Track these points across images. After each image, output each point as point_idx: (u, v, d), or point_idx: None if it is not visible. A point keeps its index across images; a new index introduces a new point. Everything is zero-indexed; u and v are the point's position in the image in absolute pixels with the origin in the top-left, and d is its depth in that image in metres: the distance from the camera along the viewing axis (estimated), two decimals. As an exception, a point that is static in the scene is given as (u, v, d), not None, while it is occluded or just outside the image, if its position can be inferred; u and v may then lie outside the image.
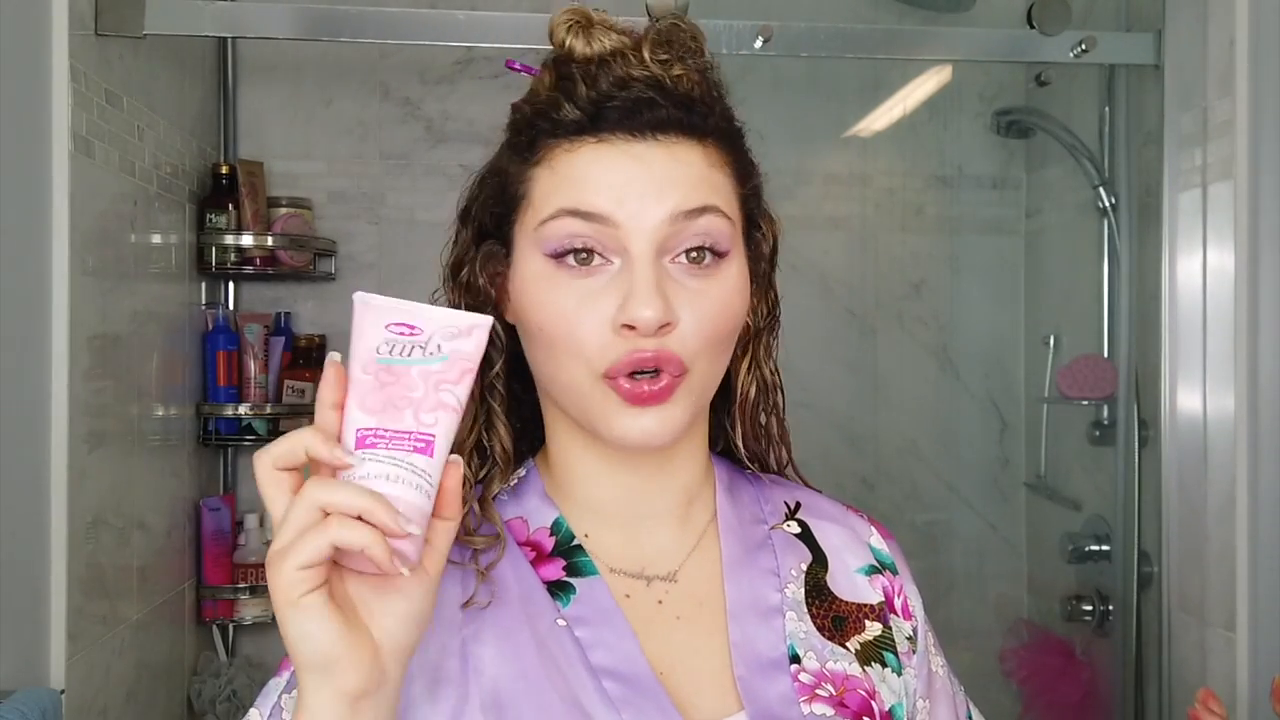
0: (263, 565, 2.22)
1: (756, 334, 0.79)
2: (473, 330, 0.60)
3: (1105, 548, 1.94)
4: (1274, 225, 1.46)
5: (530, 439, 0.80)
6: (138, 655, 1.67)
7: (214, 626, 2.04)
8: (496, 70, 2.18)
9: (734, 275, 0.71)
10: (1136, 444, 1.82)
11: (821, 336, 2.32)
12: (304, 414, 2.09)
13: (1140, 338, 1.83)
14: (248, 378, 2.04)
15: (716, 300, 0.69)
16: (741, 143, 0.76)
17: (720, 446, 0.83)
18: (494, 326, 0.72)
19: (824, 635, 0.74)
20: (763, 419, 0.81)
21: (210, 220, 1.99)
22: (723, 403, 0.79)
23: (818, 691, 0.71)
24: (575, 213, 0.67)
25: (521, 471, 0.79)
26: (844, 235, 2.35)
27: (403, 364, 0.58)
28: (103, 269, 1.52)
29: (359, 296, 0.59)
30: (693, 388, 0.69)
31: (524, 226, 0.71)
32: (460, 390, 0.59)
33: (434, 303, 0.77)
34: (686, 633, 0.73)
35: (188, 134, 1.92)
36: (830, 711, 0.70)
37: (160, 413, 1.80)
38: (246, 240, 2.01)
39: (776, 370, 0.81)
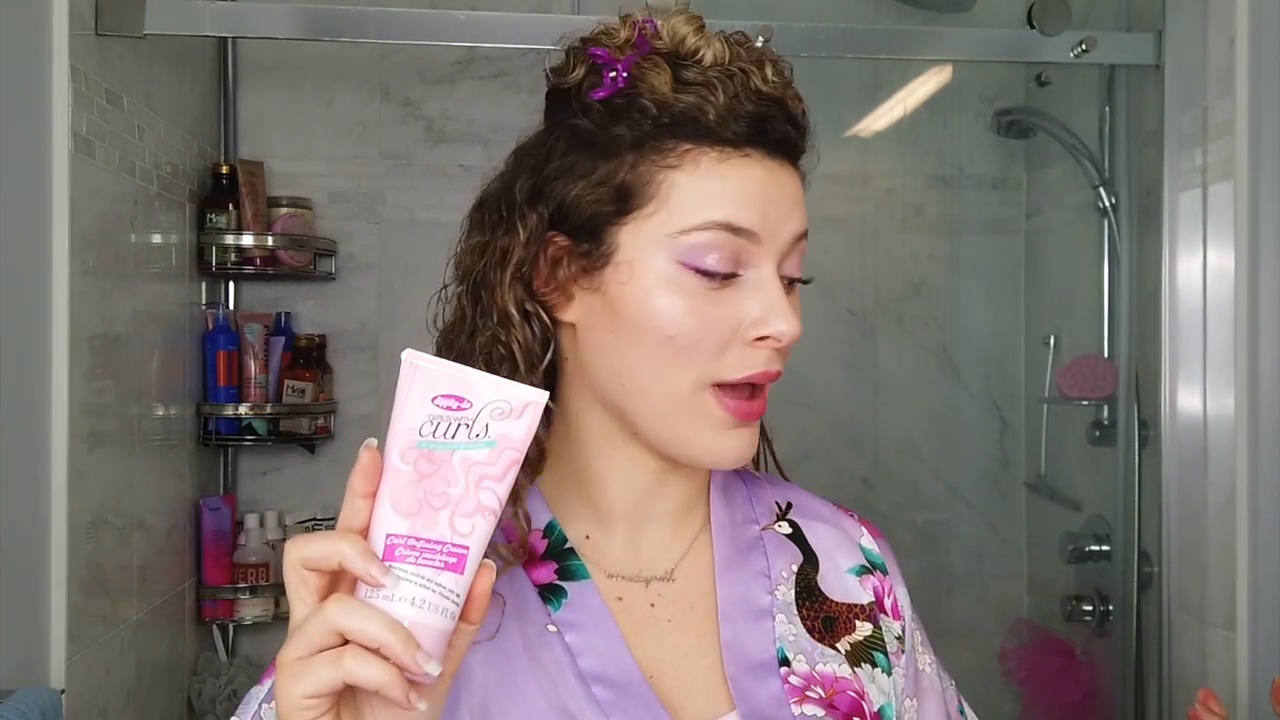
0: (263, 565, 2.22)
1: None
2: (525, 409, 0.56)
3: (1105, 548, 1.94)
4: (1274, 225, 1.46)
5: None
6: (138, 655, 1.67)
7: (214, 626, 2.04)
8: (497, 70, 2.18)
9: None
10: (1136, 444, 1.82)
11: (821, 336, 2.32)
12: (304, 414, 2.09)
13: (1140, 338, 1.83)
14: (248, 378, 2.04)
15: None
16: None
17: None
18: (544, 322, 0.73)
19: (814, 637, 0.74)
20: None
21: (210, 220, 1.99)
22: None
23: (808, 693, 0.71)
24: (729, 227, 0.68)
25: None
26: (844, 235, 2.35)
27: (445, 448, 0.55)
28: (103, 269, 1.52)
29: (409, 355, 0.57)
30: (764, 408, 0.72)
31: (649, 228, 0.69)
32: (502, 488, 0.56)
33: (443, 301, 0.76)
34: (678, 635, 0.73)
35: (188, 134, 1.92)
36: (821, 713, 0.71)
37: (160, 413, 1.80)
38: (247, 240, 2.01)
39: None
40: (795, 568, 0.77)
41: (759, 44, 0.73)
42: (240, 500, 2.12)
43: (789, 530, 0.80)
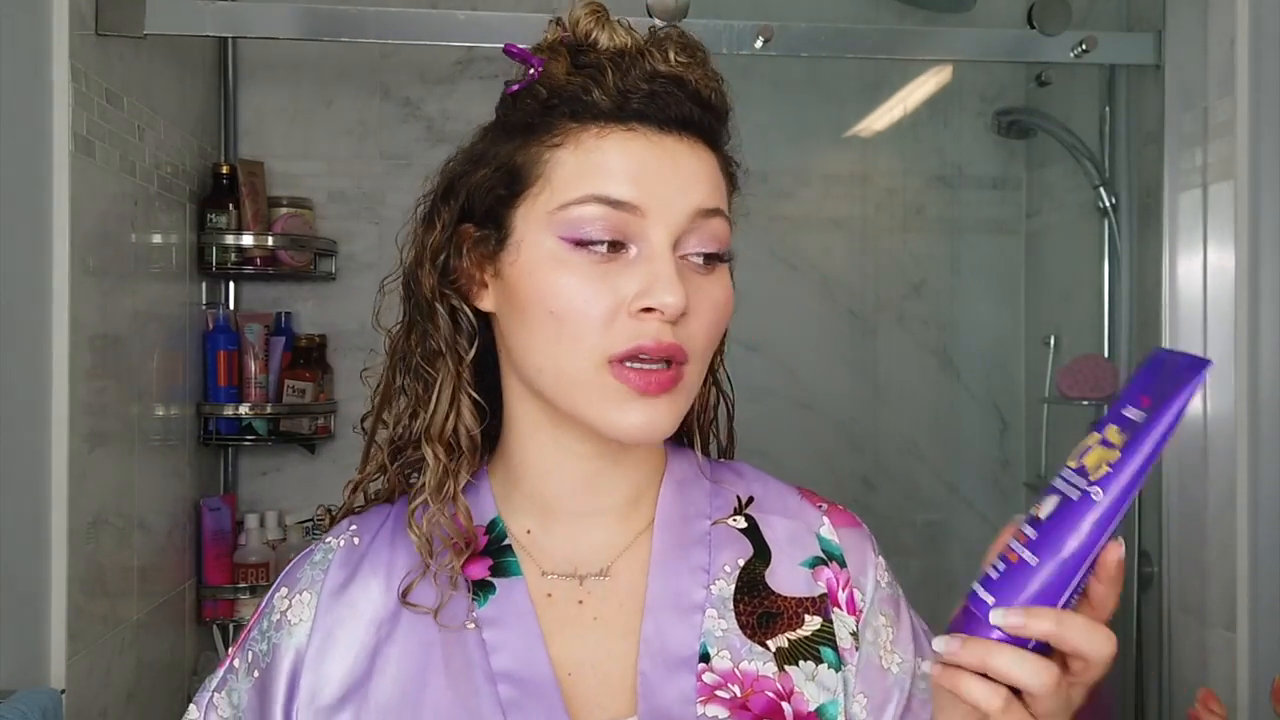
0: (263, 565, 2.23)
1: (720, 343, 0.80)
2: None
3: (1105, 548, 1.94)
4: (1274, 225, 1.46)
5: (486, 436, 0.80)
6: (138, 655, 1.67)
7: (214, 626, 2.04)
8: (497, 70, 2.18)
9: (726, 282, 0.73)
10: (1137, 444, 1.82)
11: (822, 336, 2.32)
12: (304, 414, 2.09)
13: (1140, 338, 1.83)
14: (248, 378, 2.04)
15: (718, 300, 0.71)
16: (733, 159, 0.77)
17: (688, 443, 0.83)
18: (467, 314, 0.75)
19: (745, 633, 0.73)
20: (712, 415, 0.83)
21: (211, 220, 1.99)
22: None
23: (718, 693, 0.70)
24: (604, 199, 0.68)
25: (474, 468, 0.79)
26: (844, 235, 2.35)
27: None
28: (103, 269, 1.52)
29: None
30: (688, 385, 0.70)
31: (536, 207, 0.70)
32: None
33: (384, 291, 0.79)
34: (602, 633, 0.73)
35: (188, 134, 1.92)
36: (725, 714, 0.69)
37: (160, 413, 1.80)
38: (247, 240, 2.01)
39: (725, 370, 0.83)
40: (742, 562, 0.76)
41: (666, 30, 0.74)
42: (240, 500, 2.12)
43: (744, 524, 0.78)
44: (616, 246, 0.68)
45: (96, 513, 1.50)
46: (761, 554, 0.77)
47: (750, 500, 0.80)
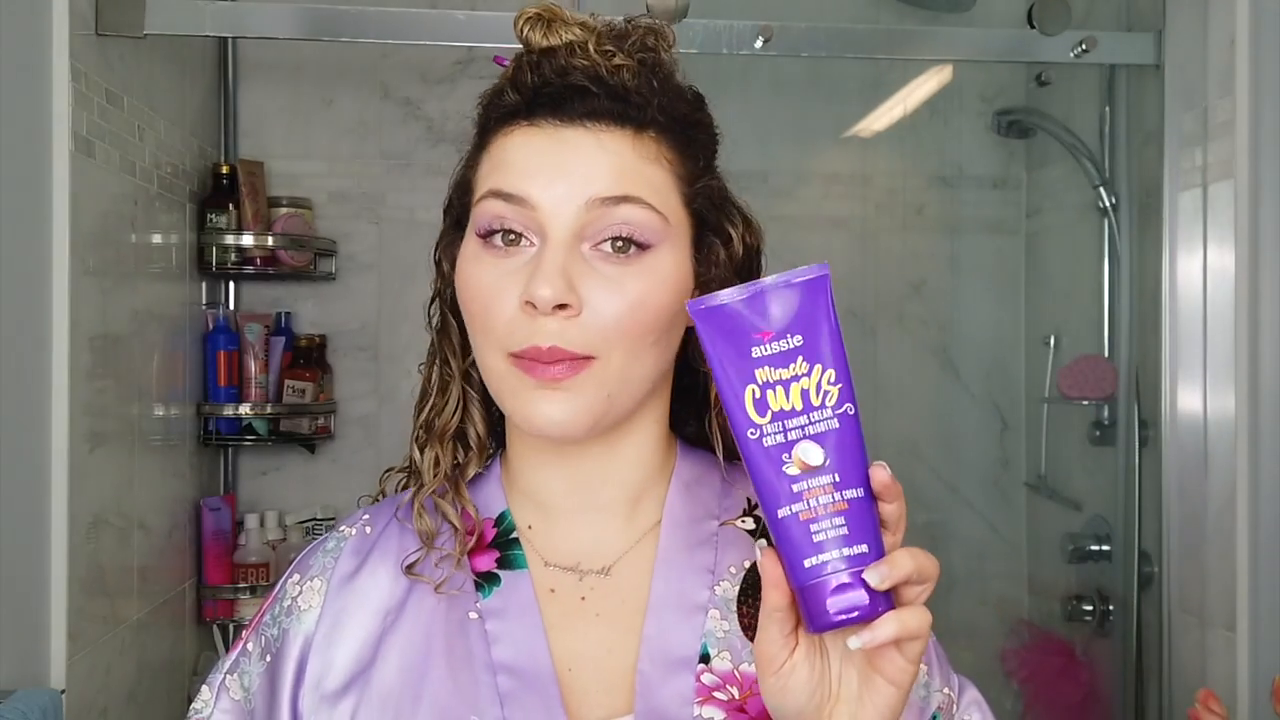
0: (263, 565, 2.23)
1: None
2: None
3: (1106, 548, 1.94)
4: (1274, 225, 1.46)
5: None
6: (138, 655, 1.67)
7: (214, 626, 2.04)
8: (497, 70, 2.18)
9: (659, 269, 0.69)
10: (1137, 444, 1.82)
11: (822, 336, 2.32)
12: (304, 414, 2.09)
13: (1140, 338, 1.83)
14: (248, 377, 2.04)
15: (632, 291, 0.68)
16: (693, 143, 0.74)
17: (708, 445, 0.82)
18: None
19: (747, 635, 0.73)
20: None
21: (211, 220, 1.99)
22: (705, 407, 0.79)
23: (715, 694, 0.70)
24: (499, 194, 0.69)
25: (486, 463, 0.80)
26: (844, 235, 2.35)
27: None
28: (103, 269, 1.52)
29: None
30: (604, 379, 0.68)
31: (470, 211, 0.73)
32: None
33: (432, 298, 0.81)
34: (604, 630, 0.73)
35: (188, 134, 1.92)
36: (721, 715, 0.69)
37: (161, 413, 1.80)
38: (247, 240, 2.01)
39: None
40: (747, 563, 0.75)
41: (631, 23, 0.74)
42: (240, 500, 2.12)
43: (752, 525, 0.77)
44: (515, 238, 0.69)
45: (96, 513, 1.50)
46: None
47: (758, 506, 0.80)
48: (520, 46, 0.75)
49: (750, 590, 0.74)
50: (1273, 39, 1.45)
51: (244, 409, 2.02)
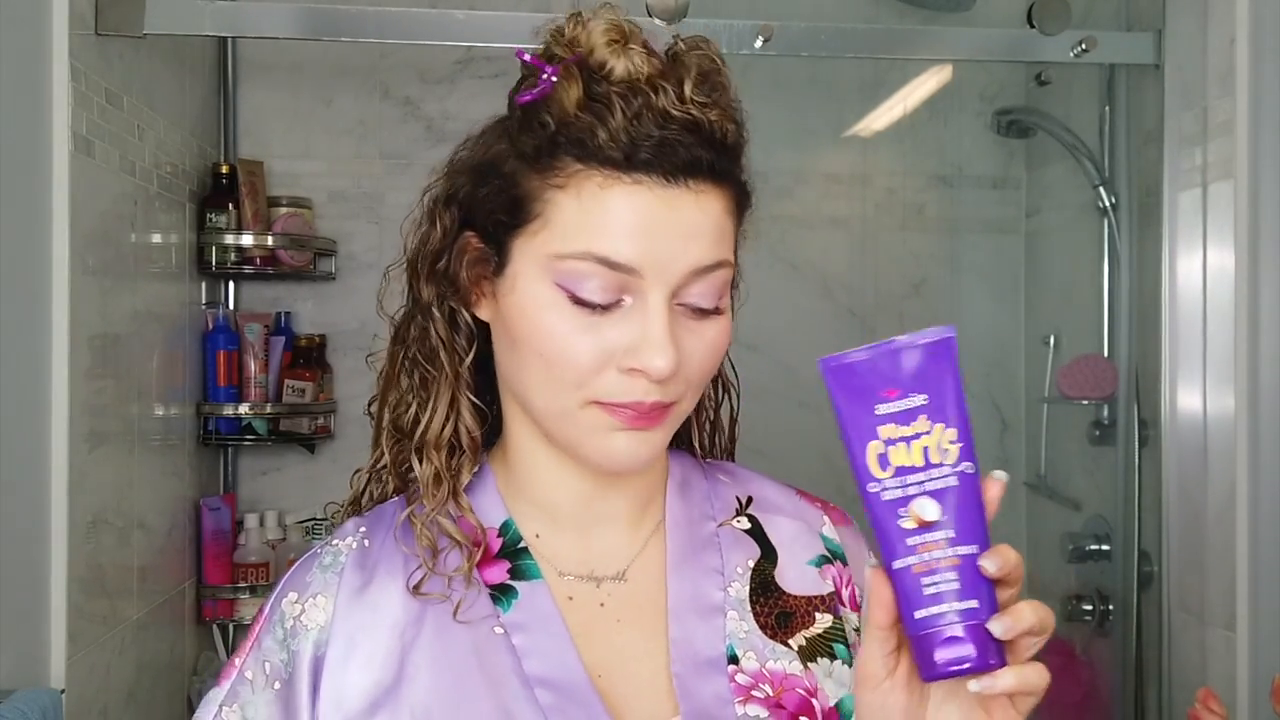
0: (263, 565, 2.23)
1: None
2: None
3: (1105, 547, 1.94)
4: (1274, 225, 1.46)
5: (488, 429, 0.78)
6: (138, 655, 1.67)
7: (214, 626, 2.04)
8: (497, 70, 2.18)
9: (727, 319, 0.71)
10: (1137, 444, 1.82)
11: (822, 337, 2.32)
12: (303, 414, 2.09)
13: (1140, 337, 1.83)
14: (248, 377, 2.04)
15: (712, 345, 0.70)
16: (748, 182, 0.74)
17: (684, 443, 0.83)
18: (466, 318, 0.74)
19: (766, 634, 0.74)
20: (712, 415, 0.83)
21: (210, 220, 1.99)
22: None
23: (754, 692, 0.71)
24: (604, 261, 0.66)
25: (476, 469, 0.77)
26: (844, 235, 2.35)
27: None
28: (103, 268, 1.52)
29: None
30: (676, 420, 0.71)
31: (534, 245, 0.68)
32: None
33: (387, 279, 0.78)
34: (627, 635, 0.73)
35: (188, 133, 1.92)
36: (765, 713, 0.70)
37: (160, 412, 1.80)
38: (247, 240, 2.01)
39: (734, 368, 0.83)
40: (752, 563, 0.76)
41: (697, 52, 0.69)
42: (240, 500, 2.12)
43: (747, 525, 0.79)
44: (613, 307, 0.67)
45: (96, 512, 1.50)
46: (769, 555, 0.78)
47: (750, 501, 0.81)
48: (540, 49, 0.70)
49: (759, 590, 0.75)
50: (1273, 39, 1.45)
51: (244, 409, 2.01)
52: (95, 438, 1.49)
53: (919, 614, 0.58)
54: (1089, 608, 1.96)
